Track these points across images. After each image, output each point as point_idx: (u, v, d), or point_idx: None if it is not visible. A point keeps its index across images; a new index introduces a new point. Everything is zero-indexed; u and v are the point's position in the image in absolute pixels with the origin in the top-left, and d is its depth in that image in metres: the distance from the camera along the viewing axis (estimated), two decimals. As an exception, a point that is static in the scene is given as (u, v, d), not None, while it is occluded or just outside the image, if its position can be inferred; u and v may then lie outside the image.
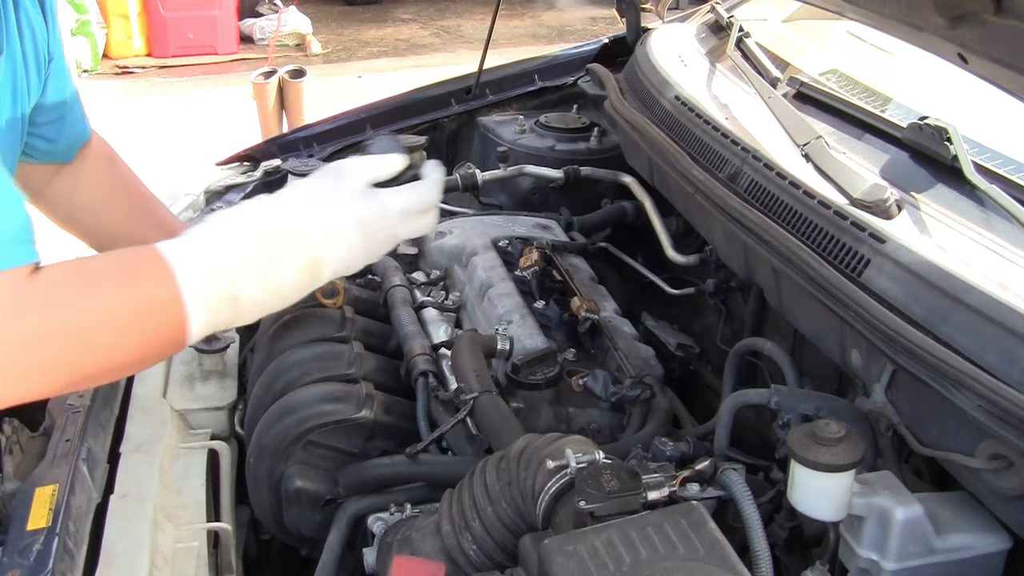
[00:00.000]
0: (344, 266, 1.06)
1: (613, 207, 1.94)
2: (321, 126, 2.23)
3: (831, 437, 0.96)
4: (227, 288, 0.96)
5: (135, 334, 0.93)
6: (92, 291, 0.92)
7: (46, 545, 1.05)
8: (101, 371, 0.94)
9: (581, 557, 0.86)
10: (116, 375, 1.01)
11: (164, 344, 0.96)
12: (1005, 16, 0.95)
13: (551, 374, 1.38)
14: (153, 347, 0.96)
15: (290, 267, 1.00)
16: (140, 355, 0.96)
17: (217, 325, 0.98)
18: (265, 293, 0.98)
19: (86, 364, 0.91)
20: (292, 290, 1.02)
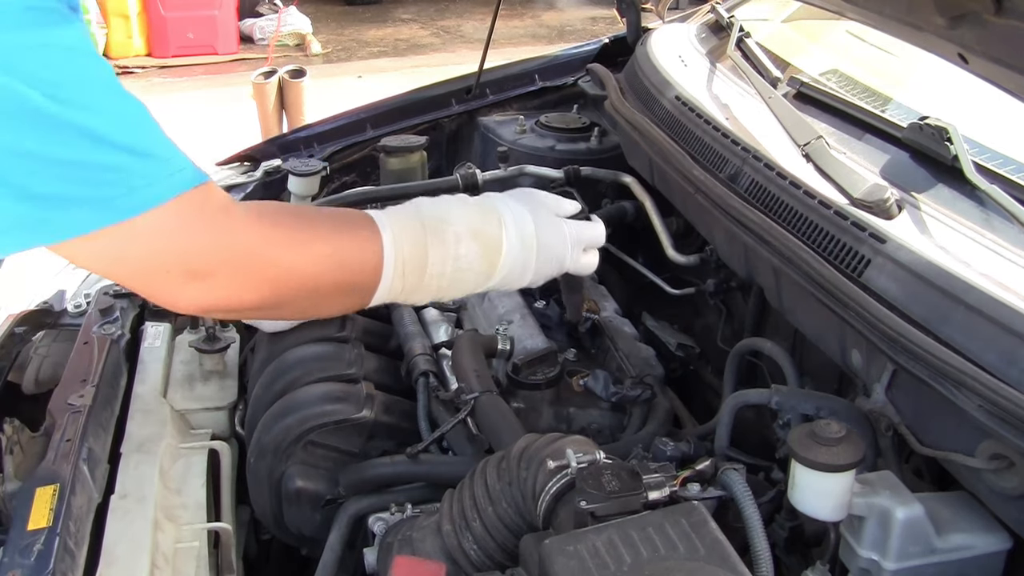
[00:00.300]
0: (514, 274, 1.16)
1: (613, 207, 1.94)
2: (321, 126, 2.23)
3: (831, 437, 0.96)
4: (417, 248, 1.07)
5: (337, 268, 1.04)
6: (311, 220, 1.04)
7: (47, 545, 1.05)
8: (287, 297, 1.02)
9: (582, 557, 0.86)
10: (303, 306, 1.08)
11: (354, 286, 1.06)
12: (1005, 16, 0.95)
13: (551, 374, 1.38)
14: (345, 283, 1.06)
15: (473, 251, 1.11)
16: (322, 291, 1.04)
17: (403, 288, 1.08)
18: (445, 266, 1.09)
19: (273, 287, 1.00)
20: (468, 274, 1.12)
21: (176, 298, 0.97)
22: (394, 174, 2.01)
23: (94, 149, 0.87)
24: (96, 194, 0.87)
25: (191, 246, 0.93)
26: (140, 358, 1.52)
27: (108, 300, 1.61)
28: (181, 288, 0.95)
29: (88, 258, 0.93)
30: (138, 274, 0.95)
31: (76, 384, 1.37)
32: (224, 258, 0.96)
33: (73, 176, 0.86)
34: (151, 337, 1.57)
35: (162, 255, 0.93)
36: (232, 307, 1.00)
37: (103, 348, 1.48)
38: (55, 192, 0.86)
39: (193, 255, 0.94)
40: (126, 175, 0.88)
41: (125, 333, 1.55)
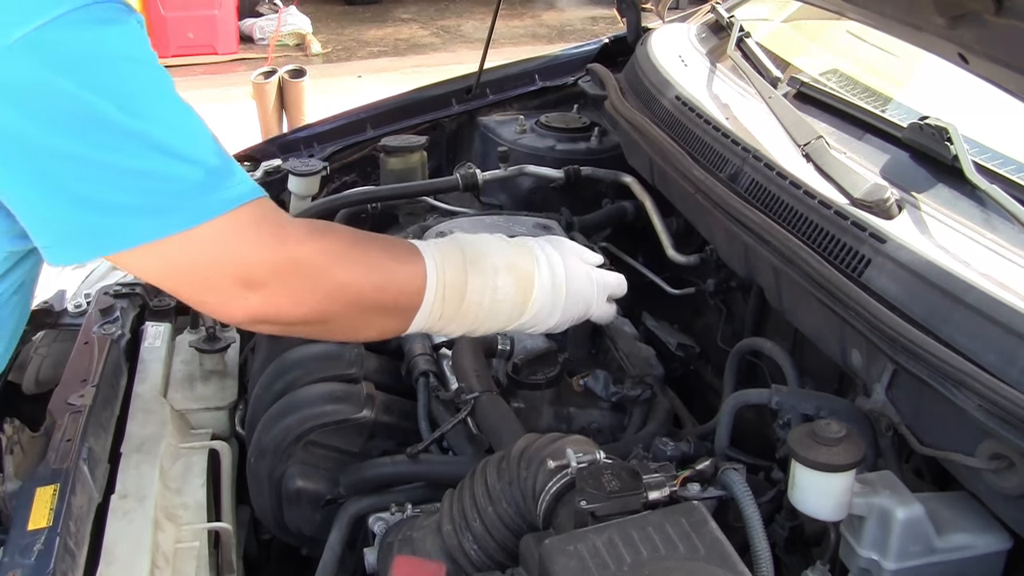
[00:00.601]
0: (543, 312, 1.18)
1: (613, 207, 1.94)
2: (321, 126, 2.24)
3: (832, 437, 0.96)
4: (458, 275, 1.11)
5: (383, 286, 1.07)
6: (361, 239, 1.08)
7: (47, 545, 1.05)
8: (333, 312, 1.04)
9: (582, 557, 0.86)
10: (347, 325, 1.09)
11: (397, 306, 1.09)
12: (1006, 16, 0.95)
13: (552, 374, 1.38)
14: (389, 303, 1.08)
15: (509, 284, 1.14)
16: (367, 311, 1.07)
17: (442, 313, 1.11)
18: (484, 295, 1.13)
19: (321, 301, 1.02)
20: (503, 306, 1.15)
21: (229, 308, 0.99)
22: (394, 174, 2.02)
23: (158, 159, 0.90)
24: (159, 204, 0.90)
25: (247, 257, 0.96)
26: (140, 358, 1.52)
27: (108, 300, 1.61)
28: (235, 299, 0.97)
29: (145, 267, 0.96)
30: (193, 284, 0.97)
31: (76, 384, 1.37)
32: (278, 270, 0.98)
33: (137, 186, 0.89)
34: (151, 337, 1.57)
35: (218, 265, 0.95)
36: (282, 319, 1.02)
37: (103, 348, 1.48)
38: (119, 201, 0.89)
39: (249, 265, 0.96)
40: (188, 186, 0.91)
41: (125, 333, 1.55)
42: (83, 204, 0.89)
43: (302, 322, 1.04)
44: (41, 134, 0.86)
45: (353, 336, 1.18)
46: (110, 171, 0.88)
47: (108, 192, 0.89)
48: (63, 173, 0.88)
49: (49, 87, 0.85)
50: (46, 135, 0.86)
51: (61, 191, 0.88)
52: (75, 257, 0.93)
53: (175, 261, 0.94)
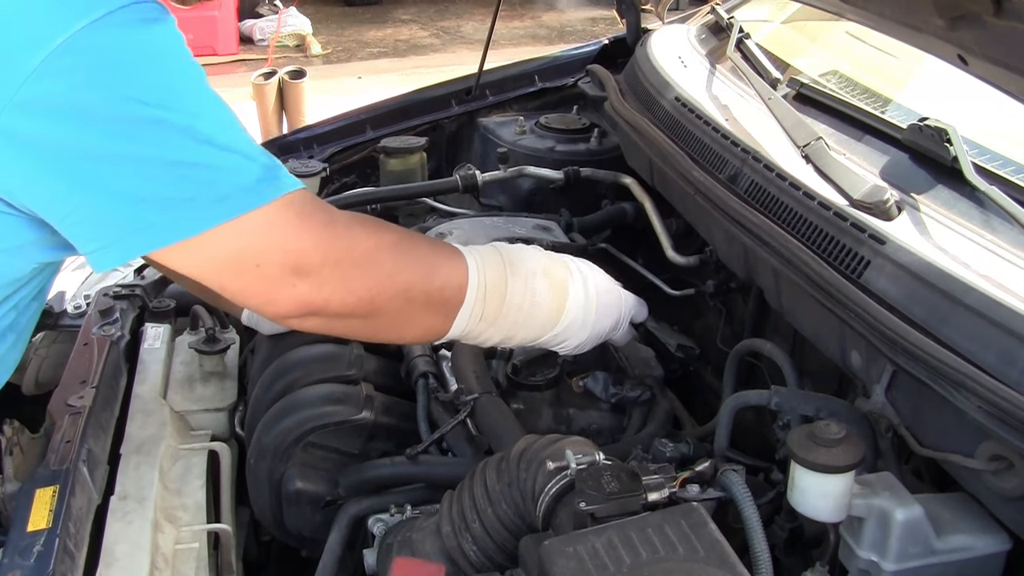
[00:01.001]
0: (576, 323, 1.20)
1: (613, 208, 1.94)
2: (321, 127, 2.24)
3: (831, 438, 0.96)
4: (498, 275, 1.13)
5: (429, 279, 1.08)
6: (407, 233, 1.11)
7: (46, 546, 1.05)
8: (380, 302, 1.05)
9: (581, 558, 0.86)
10: (393, 320, 1.09)
11: (442, 301, 1.10)
12: (1005, 17, 0.94)
13: (551, 375, 1.38)
14: (435, 297, 1.09)
15: (545, 289, 1.17)
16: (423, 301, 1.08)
17: (483, 314, 1.12)
18: (523, 298, 1.15)
19: (370, 289, 1.03)
20: (540, 311, 1.17)
21: (278, 298, 0.99)
22: (394, 175, 2.02)
23: (207, 151, 0.92)
24: (211, 193, 0.91)
25: (299, 242, 0.97)
26: (140, 359, 1.52)
27: (108, 301, 1.61)
28: (285, 287, 0.98)
29: (196, 261, 0.96)
30: (243, 273, 0.97)
31: (76, 385, 1.37)
32: (329, 256, 0.99)
33: (189, 177, 0.91)
34: (151, 338, 1.57)
35: (270, 251, 0.96)
36: (331, 309, 1.02)
37: (103, 349, 1.48)
38: (172, 194, 0.90)
39: (300, 252, 0.97)
40: (237, 175, 0.93)
41: (125, 334, 1.55)
42: (135, 201, 0.90)
43: (350, 314, 1.04)
44: (89, 136, 0.88)
45: (397, 334, 1.16)
46: (161, 166, 0.89)
47: (160, 187, 0.90)
48: (114, 173, 0.89)
49: (94, 88, 0.87)
50: (94, 137, 0.88)
51: (112, 191, 0.89)
52: (125, 256, 0.93)
53: (226, 250, 0.94)
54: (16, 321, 1.10)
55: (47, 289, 1.15)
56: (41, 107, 0.87)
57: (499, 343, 1.20)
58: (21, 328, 1.13)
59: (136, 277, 1.74)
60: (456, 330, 1.13)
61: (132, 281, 1.71)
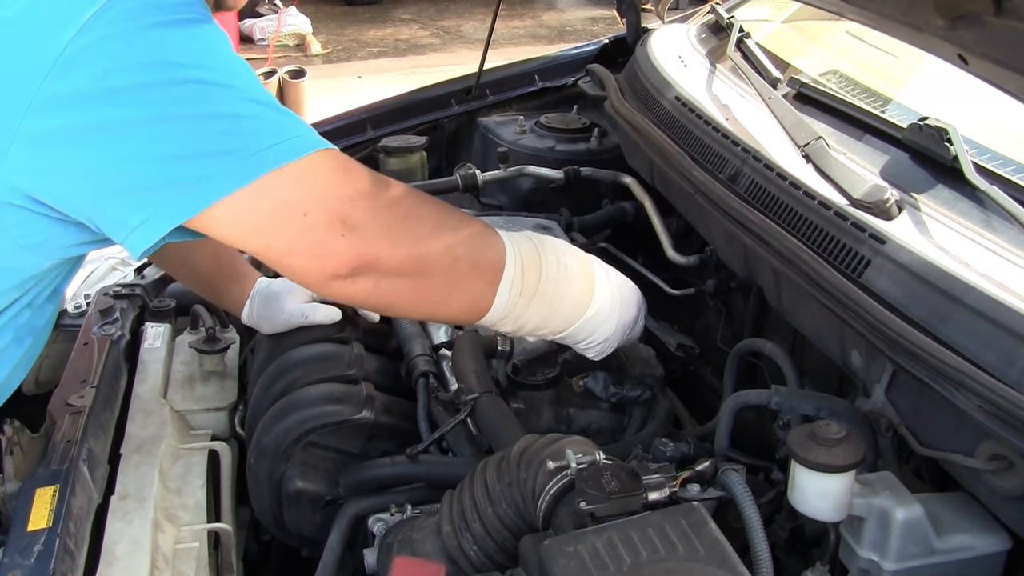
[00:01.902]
0: (603, 311, 1.22)
1: (613, 207, 1.94)
2: (321, 127, 2.23)
3: (831, 438, 0.96)
4: (531, 250, 1.15)
5: (473, 241, 1.09)
6: (443, 203, 1.10)
7: (47, 546, 1.05)
8: (428, 260, 1.05)
9: (581, 558, 0.86)
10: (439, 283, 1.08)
11: (488, 264, 1.11)
12: (1005, 17, 0.94)
13: (551, 375, 1.38)
14: (480, 260, 1.10)
15: (575, 266, 1.19)
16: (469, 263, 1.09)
17: (522, 288, 1.12)
18: (558, 271, 1.16)
19: (430, 243, 1.04)
20: (572, 288, 1.18)
21: (326, 253, 0.98)
22: (394, 174, 2.00)
23: (243, 104, 0.93)
24: (250, 144, 0.92)
25: (344, 191, 0.97)
26: (140, 359, 1.52)
27: (108, 301, 1.61)
28: (333, 237, 0.97)
29: (238, 217, 0.95)
30: (288, 225, 0.96)
31: (76, 385, 1.37)
32: (376, 208, 0.99)
33: (226, 129, 0.91)
34: (151, 338, 1.57)
35: (316, 199, 0.96)
36: (380, 265, 1.01)
37: (103, 349, 1.48)
38: (210, 147, 0.90)
39: (347, 200, 0.97)
40: (279, 125, 0.94)
41: (125, 334, 1.55)
42: (178, 159, 0.90)
43: (400, 271, 1.02)
44: (124, 109, 0.88)
45: (445, 302, 1.12)
46: (201, 120, 0.90)
47: (202, 141, 0.90)
48: (153, 136, 0.89)
49: (126, 61, 0.88)
50: (129, 108, 0.88)
51: (152, 154, 0.89)
52: (171, 221, 0.92)
53: (272, 201, 0.94)
54: (32, 322, 1.10)
55: (62, 290, 1.14)
56: (70, 94, 0.88)
57: (536, 327, 1.18)
58: (39, 330, 1.13)
59: (136, 277, 1.74)
60: (499, 303, 1.12)
61: (132, 281, 1.71)
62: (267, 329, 1.46)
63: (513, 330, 1.19)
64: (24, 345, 1.12)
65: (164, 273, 1.71)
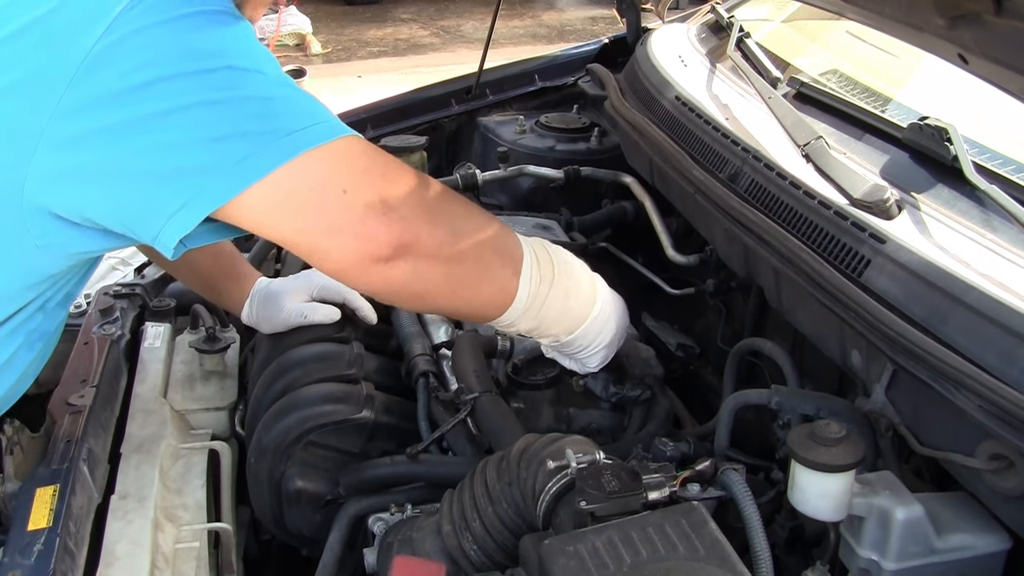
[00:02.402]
0: (607, 308, 1.25)
1: (613, 207, 1.94)
2: (321, 126, 2.23)
3: (831, 437, 0.96)
4: (540, 247, 1.17)
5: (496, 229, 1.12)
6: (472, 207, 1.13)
7: (47, 545, 1.05)
8: (463, 241, 1.07)
9: (582, 557, 0.86)
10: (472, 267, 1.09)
11: (509, 251, 1.13)
12: (1005, 17, 0.94)
13: (552, 374, 1.38)
14: (504, 246, 1.13)
15: (578, 263, 1.23)
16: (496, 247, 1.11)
17: (540, 276, 1.14)
18: (571, 266, 1.20)
19: (463, 225, 1.07)
20: (582, 284, 1.22)
21: (368, 229, 0.97)
22: (394, 174, 2.01)
23: (276, 88, 0.95)
24: (287, 123, 0.93)
25: (381, 171, 0.99)
26: (140, 358, 1.52)
27: (108, 300, 1.61)
28: (373, 215, 0.97)
29: (276, 199, 0.94)
30: (329, 203, 0.96)
31: (76, 384, 1.37)
32: (411, 191, 1.01)
33: (262, 110, 0.92)
34: (151, 337, 1.57)
35: (355, 176, 0.97)
36: (421, 246, 1.01)
37: (103, 348, 1.48)
38: (247, 128, 0.91)
39: (385, 179, 0.99)
40: (308, 109, 0.96)
41: (125, 333, 1.55)
42: (215, 141, 0.90)
43: (437, 254, 1.03)
44: (159, 100, 0.89)
45: (476, 289, 1.12)
46: (237, 103, 0.91)
47: (240, 122, 0.91)
48: (188, 123, 0.89)
49: (155, 56, 0.89)
50: (164, 99, 0.89)
51: (188, 140, 0.90)
52: (210, 205, 0.92)
53: (311, 179, 0.94)
54: (43, 327, 1.10)
55: (75, 295, 1.14)
56: (99, 94, 0.88)
57: (554, 319, 1.19)
58: (48, 336, 1.13)
59: (136, 276, 1.74)
60: (522, 292, 1.13)
61: (132, 280, 1.71)
62: (267, 329, 1.47)
63: (532, 326, 1.18)
64: (34, 351, 1.11)
65: (164, 273, 1.71)
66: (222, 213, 0.94)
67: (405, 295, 1.08)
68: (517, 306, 1.14)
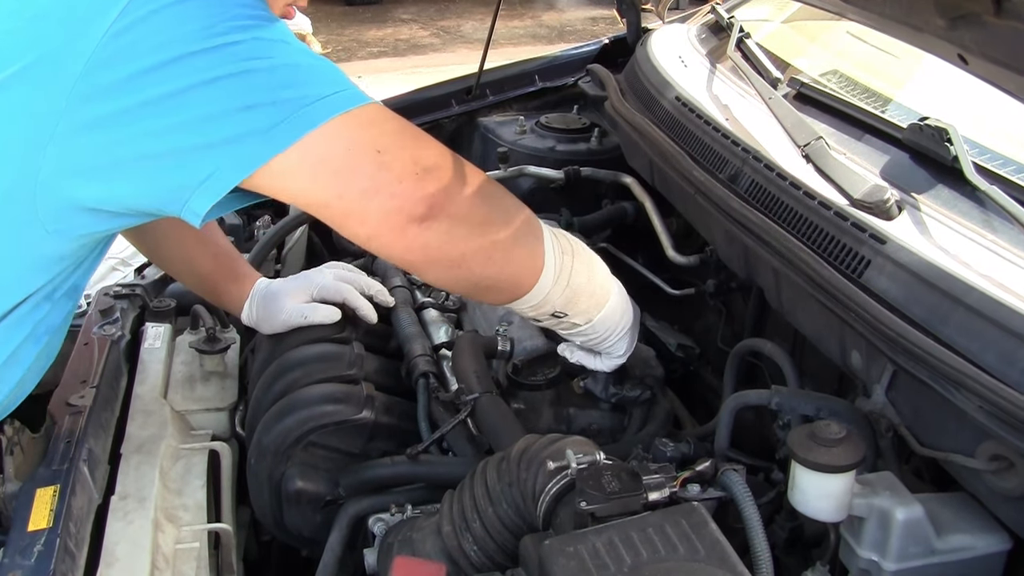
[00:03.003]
0: (620, 300, 1.26)
1: (613, 208, 1.94)
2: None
3: (831, 438, 0.96)
4: (563, 236, 1.18)
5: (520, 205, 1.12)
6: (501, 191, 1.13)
7: (47, 546, 1.05)
8: (499, 216, 1.09)
9: (582, 558, 0.86)
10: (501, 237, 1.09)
11: (533, 227, 1.13)
12: (1005, 17, 0.94)
13: (552, 375, 1.38)
14: (528, 222, 1.13)
15: (599, 259, 1.23)
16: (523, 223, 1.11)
17: (562, 264, 1.15)
18: (587, 252, 1.21)
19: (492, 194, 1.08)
20: (598, 272, 1.22)
21: (403, 188, 0.97)
22: (394, 175, 2.01)
23: (301, 56, 0.95)
24: (316, 89, 0.93)
25: (411, 133, 1.01)
26: (140, 359, 1.52)
27: (108, 301, 1.61)
28: (408, 174, 0.98)
29: (309, 163, 0.94)
30: (362, 164, 0.96)
31: (76, 385, 1.37)
32: (442, 151, 1.03)
33: (289, 78, 0.92)
34: (151, 338, 1.57)
35: (388, 136, 0.98)
36: (455, 207, 1.02)
37: (103, 349, 1.48)
38: (280, 96, 0.91)
39: (416, 141, 1.01)
40: (334, 76, 0.96)
41: (125, 334, 1.55)
42: (242, 111, 0.90)
43: (470, 215, 1.04)
44: (183, 77, 0.88)
45: (510, 254, 1.11)
46: (266, 72, 0.91)
47: (270, 90, 0.91)
48: (218, 92, 0.89)
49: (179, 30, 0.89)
50: (189, 75, 0.88)
51: (221, 110, 0.89)
52: (241, 172, 0.91)
53: (344, 140, 0.95)
54: (49, 318, 1.09)
55: (81, 287, 1.13)
56: (120, 77, 0.88)
57: (585, 290, 1.19)
58: (55, 330, 1.12)
59: (136, 277, 1.74)
60: (549, 259, 1.13)
61: (132, 281, 1.71)
62: (267, 329, 1.47)
63: (565, 301, 1.17)
64: (40, 343, 1.10)
65: (164, 273, 1.71)
66: (250, 182, 0.93)
67: (444, 262, 1.06)
68: (548, 274, 1.13)
